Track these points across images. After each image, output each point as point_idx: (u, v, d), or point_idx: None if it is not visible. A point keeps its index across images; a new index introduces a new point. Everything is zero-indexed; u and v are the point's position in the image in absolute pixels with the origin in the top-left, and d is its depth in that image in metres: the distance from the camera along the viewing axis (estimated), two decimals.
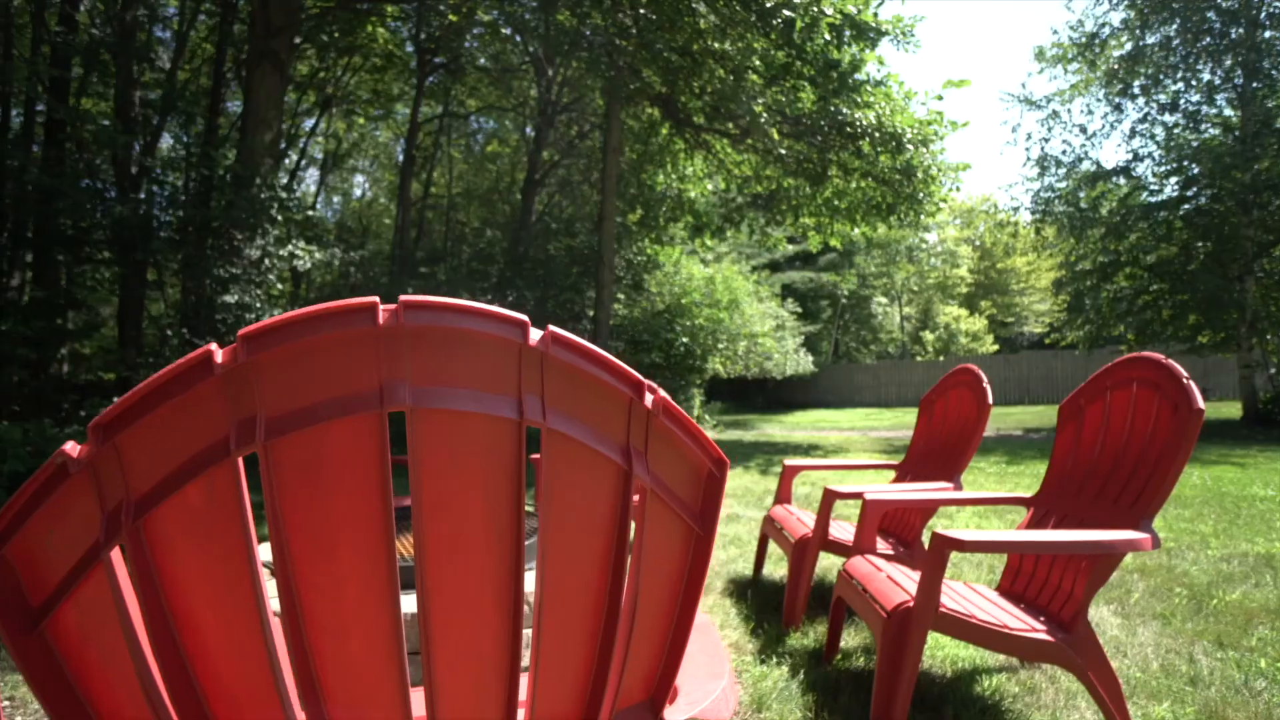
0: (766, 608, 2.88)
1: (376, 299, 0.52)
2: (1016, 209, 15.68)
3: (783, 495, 3.32)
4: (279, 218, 6.97)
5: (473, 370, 0.54)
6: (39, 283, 9.31)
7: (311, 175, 22.05)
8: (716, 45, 8.92)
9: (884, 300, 30.06)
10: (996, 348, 28.70)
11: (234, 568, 0.51)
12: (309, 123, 17.64)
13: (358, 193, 25.05)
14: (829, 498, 2.58)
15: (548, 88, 14.10)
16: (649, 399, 0.62)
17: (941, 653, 2.33)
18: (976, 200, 33.45)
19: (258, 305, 6.39)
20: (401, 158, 16.98)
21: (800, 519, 2.97)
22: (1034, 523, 2.13)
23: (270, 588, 0.55)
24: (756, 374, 19.24)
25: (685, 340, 12.75)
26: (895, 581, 1.98)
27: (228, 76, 12.21)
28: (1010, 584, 2.10)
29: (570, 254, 13.09)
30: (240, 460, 0.51)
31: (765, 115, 8.95)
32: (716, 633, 0.99)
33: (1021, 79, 48.04)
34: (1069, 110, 14.37)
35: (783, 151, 10.53)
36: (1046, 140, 14.53)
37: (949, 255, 30.62)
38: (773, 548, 3.61)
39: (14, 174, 7.47)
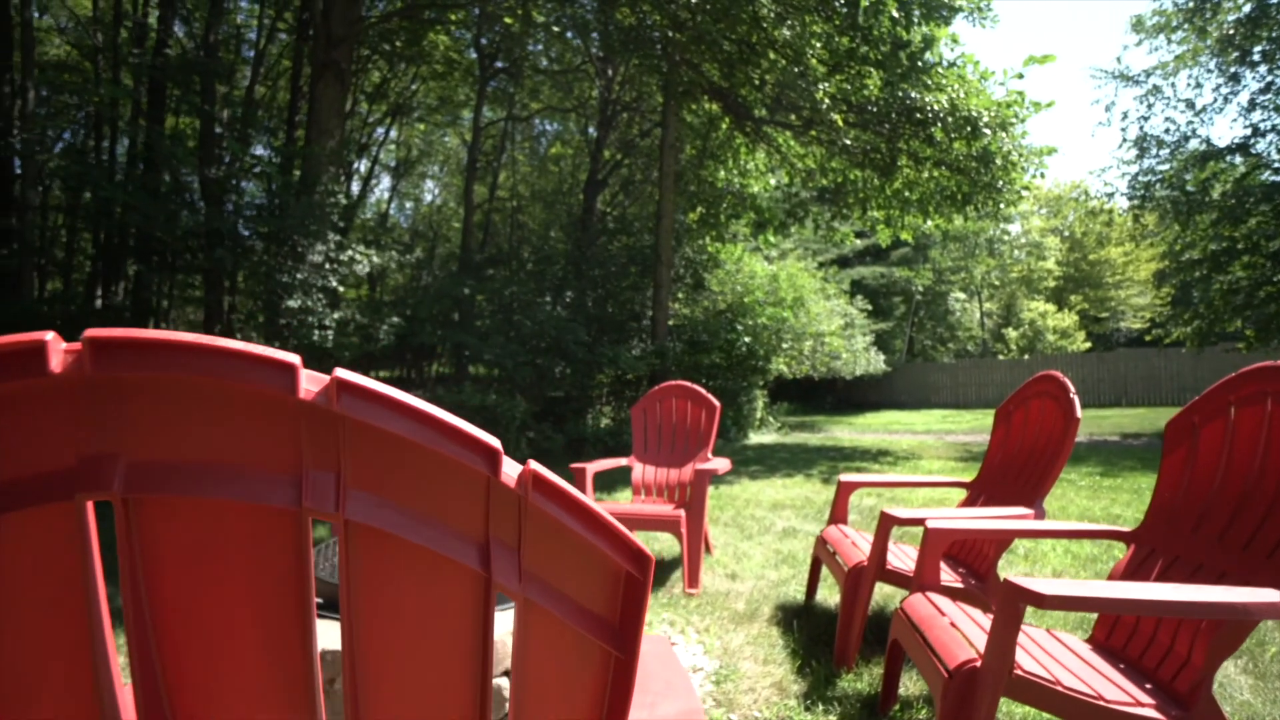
0: (817, 641, 2.61)
1: (47, 334, 0.35)
2: (1111, 195, 14.37)
3: (838, 514, 3.03)
4: (341, 223, 7.15)
5: (226, 438, 0.36)
6: (137, 294, 10.00)
7: (385, 182, 23.00)
8: (776, 34, 8.56)
9: (962, 296, 28.45)
10: (1088, 345, 26.62)
11: None
12: (380, 131, 18.35)
13: (428, 198, 25.92)
14: (886, 523, 2.28)
15: (607, 87, 14.04)
16: (510, 472, 0.42)
17: (1020, 711, 2.00)
18: (1065, 187, 31.24)
19: (319, 309, 6.57)
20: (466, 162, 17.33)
21: (855, 542, 2.68)
22: (1135, 565, 1.78)
23: None
24: (824, 374, 18.55)
25: (747, 340, 12.36)
26: (960, 630, 1.69)
27: (304, 90, 12.82)
28: (1106, 637, 1.76)
29: (629, 253, 12.96)
30: None
31: (828, 103, 8.51)
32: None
33: (1116, 52, 44.46)
34: (1173, 84, 13.04)
35: (848, 142, 10.02)
36: (1146, 119, 13.24)
37: (1034, 247, 28.64)
38: (827, 571, 3.32)
39: (119, 189, 8.03)
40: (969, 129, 8.84)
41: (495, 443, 0.41)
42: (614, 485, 6.47)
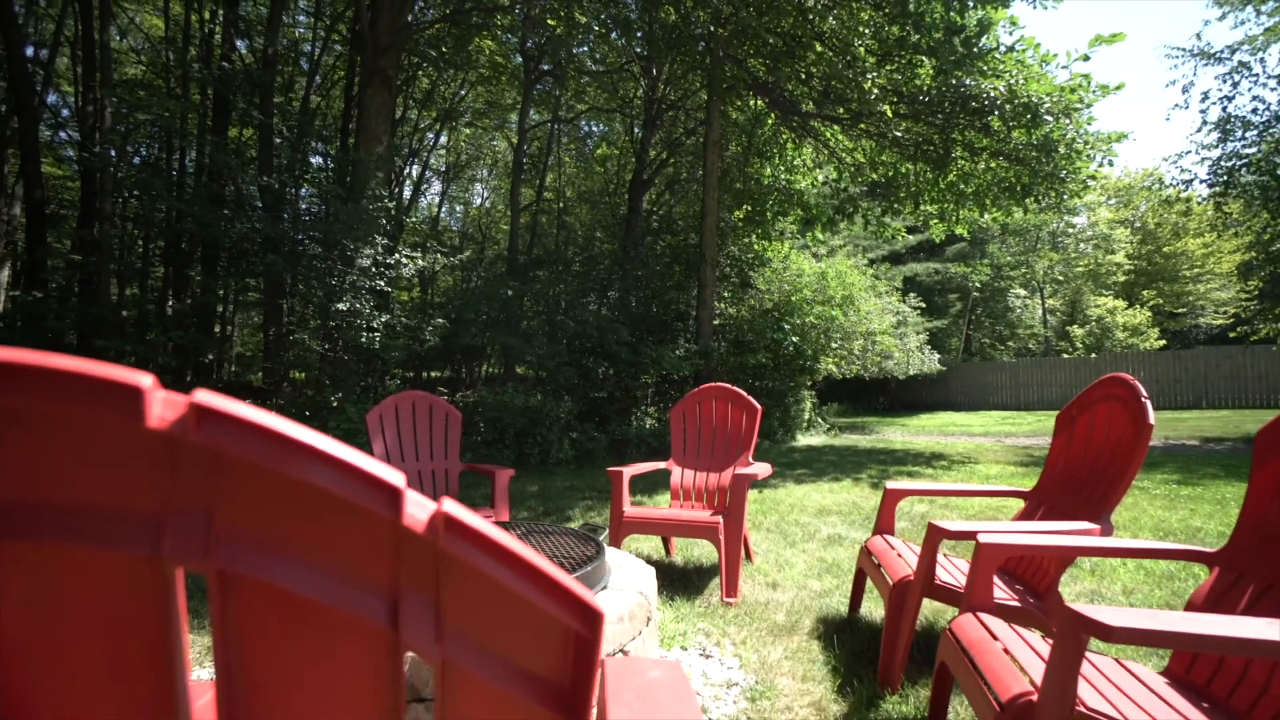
0: (860, 658, 2.47)
1: None
2: (1189, 182, 13.44)
3: (883, 524, 2.87)
4: (388, 226, 7.31)
5: (66, 473, 0.30)
6: (203, 298, 10.48)
7: (436, 186, 23.62)
8: (822, 25, 8.32)
9: (1023, 292, 27.18)
10: (1163, 343, 25.03)
11: None
12: (430, 137, 18.82)
13: (477, 201, 26.46)
14: (934, 535, 2.14)
15: (652, 86, 13.98)
16: (417, 514, 0.34)
17: None
18: (1136, 176, 29.51)
19: (367, 311, 6.72)
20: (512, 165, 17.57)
21: (901, 554, 2.53)
22: (1220, 592, 1.59)
23: None
24: (875, 374, 18.05)
25: (794, 340, 12.08)
26: (1015, 659, 1.55)
27: (357, 98, 13.26)
28: (1185, 670, 1.59)
29: (673, 252, 12.87)
30: None
31: (876, 93, 8.21)
32: None
33: (1194, 28, 41.72)
34: (1262, 60, 12.09)
35: (899, 134, 9.68)
36: (1230, 99, 12.32)
37: (1101, 240, 27.12)
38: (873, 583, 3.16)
39: (179, 198, 8.46)
40: (1029, 116, 8.39)
41: (396, 480, 0.34)
42: (655, 488, 6.40)
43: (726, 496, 3.65)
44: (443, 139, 20.24)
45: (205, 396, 0.31)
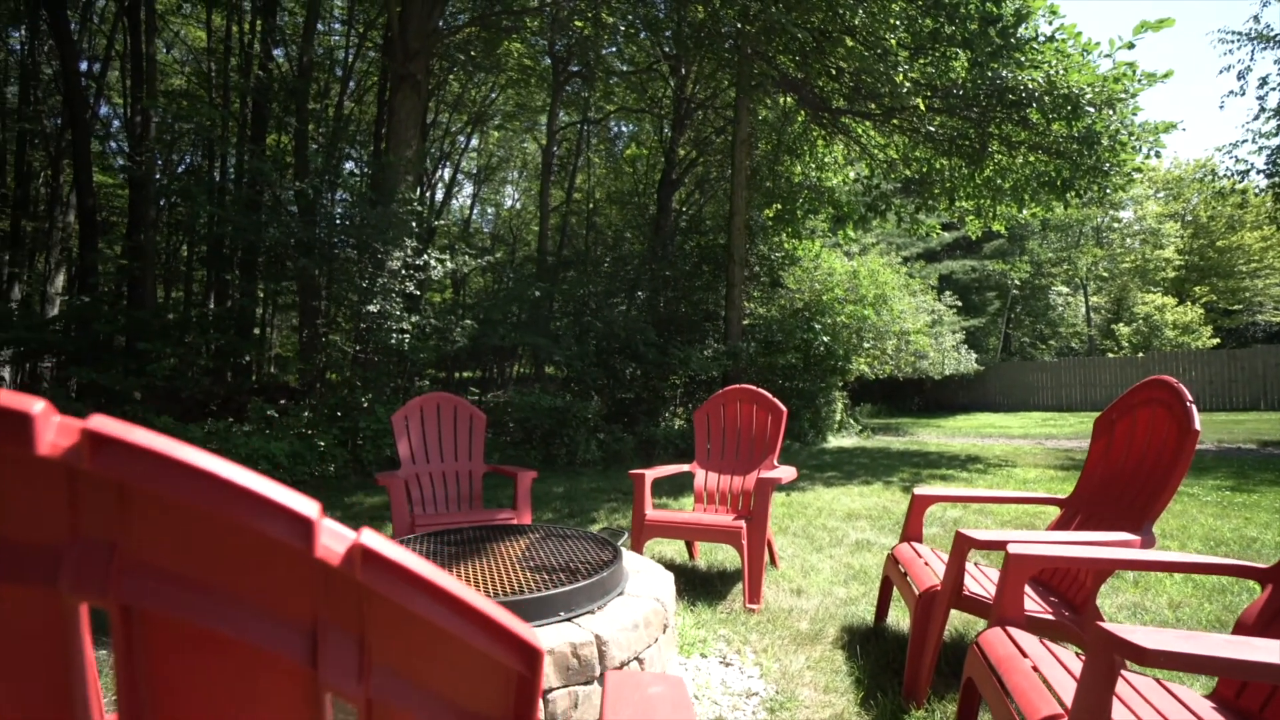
0: (885, 669, 2.40)
1: None
2: (1245, 173, 12.82)
3: (911, 530, 2.79)
4: (416, 229, 7.42)
5: None
6: (243, 300, 10.78)
7: (468, 189, 23.97)
8: (853, 19, 8.16)
9: (1064, 289, 26.30)
10: (1216, 341, 23.92)
11: None
12: (461, 140, 19.07)
13: (508, 203, 26.75)
14: (962, 545, 2.06)
15: (680, 85, 13.92)
16: (331, 545, 0.32)
17: None
18: (1187, 167, 28.31)
19: (397, 313, 6.83)
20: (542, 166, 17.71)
21: (929, 563, 2.45)
22: (1275, 612, 1.49)
23: None
24: (909, 374, 17.67)
25: (825, 339, 11.89)
26: (1045, 678, 1.47)
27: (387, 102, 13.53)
28: (1236, 694, 1.49)
29: (701, 252, 12.79)
30: None
31: (909, 87, 8.02)
32: None
33: (1251, 10, 39.89)
34: None
35: (933, 129, 9.44)
36: None
37: (1149, 234, 26.07)
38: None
39: (216, 204, 8.73)
40: (1069, 108, 8.10)
41: (308, 510, 0.31)
42: (680, 490, 6.35)
43: (751, 500, 3.59)
44: (473, 142, 20.50)
45: (100, 422, 0.29)
